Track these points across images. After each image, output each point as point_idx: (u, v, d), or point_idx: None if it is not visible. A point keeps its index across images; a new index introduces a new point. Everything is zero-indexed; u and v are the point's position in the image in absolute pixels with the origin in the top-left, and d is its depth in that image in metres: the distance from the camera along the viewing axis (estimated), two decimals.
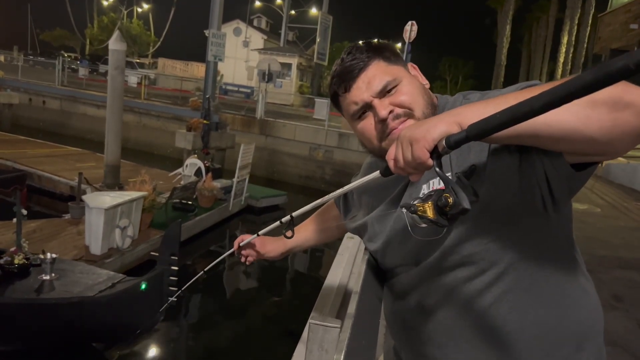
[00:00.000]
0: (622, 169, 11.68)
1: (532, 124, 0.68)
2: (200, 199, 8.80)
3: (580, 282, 1.04)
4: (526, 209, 0.92)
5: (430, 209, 0.73)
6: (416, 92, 1.03)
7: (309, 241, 1.50)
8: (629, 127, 0.69)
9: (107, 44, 8.98)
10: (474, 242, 0.96)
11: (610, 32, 14.39)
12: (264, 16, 40.31)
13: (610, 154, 0.76)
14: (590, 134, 0.70)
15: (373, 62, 1.03)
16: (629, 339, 3.26)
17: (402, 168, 0.78)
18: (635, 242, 5.90)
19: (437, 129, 0.74)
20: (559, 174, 0.84)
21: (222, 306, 6.73)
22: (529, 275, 0.97)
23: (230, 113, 15.80)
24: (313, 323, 0.98)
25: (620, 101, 0.68)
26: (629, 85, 0.70)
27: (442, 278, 1.03)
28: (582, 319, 1.03)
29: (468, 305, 1.00)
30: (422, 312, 1.09)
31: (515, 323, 0.98)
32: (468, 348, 1.02)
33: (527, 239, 0.96)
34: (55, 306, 3.87)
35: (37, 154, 11.37)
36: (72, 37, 45.35)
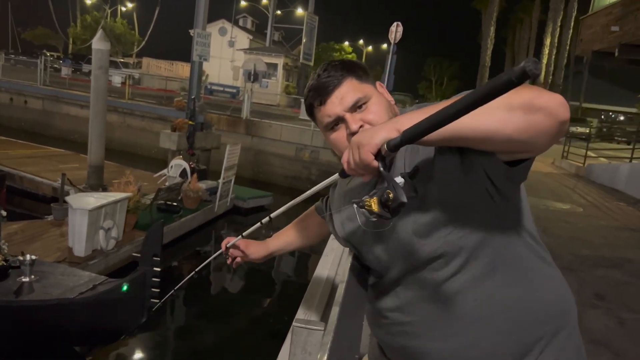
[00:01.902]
0: (603, 169, 11.86)
1: (458, 127, 0.79)
2: (186, 200, 8.74)
3: (542, 268, 1.11)
4: (475, 202, 1.00)
5: (375, 203, 0.82)
6: (382, 110, 1.14)
7: (291, 245, 1.61)
8: (542, 127, 0.80)
9: (91, 43, 8.89)
10: (437, 235, 1.03)
11: (592, 34, 14.60)
12: (249, 16, 40.20)
13: (533, 151, 0.87)
14: (509, 134, 0.80)
15: (346, 80, 1.13)
16: (611, 337, 3.31)
17: (353, 169, 0.91)
18: (616, 241, 5.99)
19: (380, 135, 0.86)
20: (495, 169, 0.93)
21: (206, 308, 6.69)
22: (489, 262, 1.04)
23: (216, 113, 15.72)
24: (297, 326, 0.98)
25: (533, 105, 0.79)
26: (541, 91, 0.81)
27: (413, 273, 1.10)
28: (550, 303, 1.09)
29: (438, 296, 1.07)
30: (399, 307, 1.15)
31: (484, 308, 1.04)
32: (442, 336, 1.07)
33: (482, 228, 1.03)
34: (34, 308, 3.81)
35: (19, 154, 11.19)
36: (54, 36, 44.75)
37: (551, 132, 0.81)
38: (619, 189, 10.37)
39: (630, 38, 11.95)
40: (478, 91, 0.65)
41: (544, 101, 0.80)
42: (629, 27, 12.06)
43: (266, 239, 1.60)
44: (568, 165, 14.19)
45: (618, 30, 12.59)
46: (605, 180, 11.32)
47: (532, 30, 41.72)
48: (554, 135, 0.82)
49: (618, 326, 3.51)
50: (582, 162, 13.16)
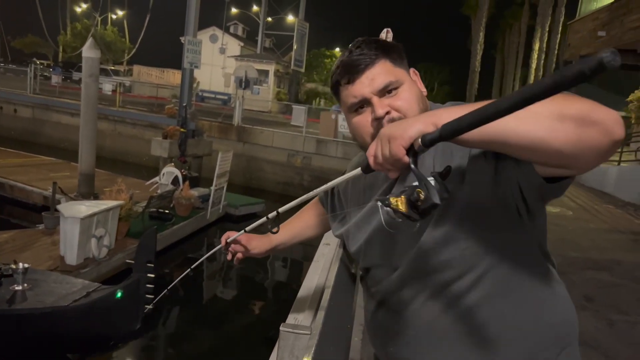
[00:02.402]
0: (592, 173, 11.97)
1: (502, 130, 0.73)
2: (178, 208, 8.72)
3: (554, 288, 1.08)
4: (501, 215, 0.95)
5: (402, 203, 0.75)
6: (413, 98, 1.06)
7: (295, 238, 1.52)
8: (594, 144, 0.73)
9: (81, 51, 8.88)
10: (453, 247, 0.98)
11: (579, 39, 14.77)
12: (240, 23, 40.26)
13: (576, 168, 0.80)
14: (556, 146, 0.73)
15: (380, 61, 1.06)
16: (599, 339, 3.35)
17: (380, 164, 0.83)
18: (605, 244, 6.06)
19: (414, 127, 0.78)
20: (530, 182, 0.86)
21: (200, 314, 6.68)
22: (505, 281, 1.00)
23: (207, 120, 15.71)
24: (284, 330, 0.99)
25: (588, 118, 0.72)
26: (597, 105, 0.74)
27: (422, 282, 1.05)
28: (558, 323, 1.06)
29: (447, 309, 1.02)
30: (403, 316, 1.10)
31: (494, 327, 1.01)
32: (447, 351, 1.04)
33: (502, 245, 0.98)
34: (27, 317, 3.79)
35: (9, 163, 11.11)
36: (44, 44, 44.49)
37: (602, 150, 0.74)
38: (608, 192, 10.49)
39: (617, 43, 12.11)
40: (541, 83, 0.57)
41: (601, 116, 0.73)
42: (615, 32, 12.23)
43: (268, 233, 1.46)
44: None
45: (605, 35, 12.76)
46: (595, 183, 11.43)
47: (522, 36, 42.11)
48: (604, 154, 0.75)
49: (607, 327, 3.56)
50: None
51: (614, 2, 12.56)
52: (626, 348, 3.27)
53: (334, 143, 14.37)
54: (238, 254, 1.47)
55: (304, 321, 1.40)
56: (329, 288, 1.05)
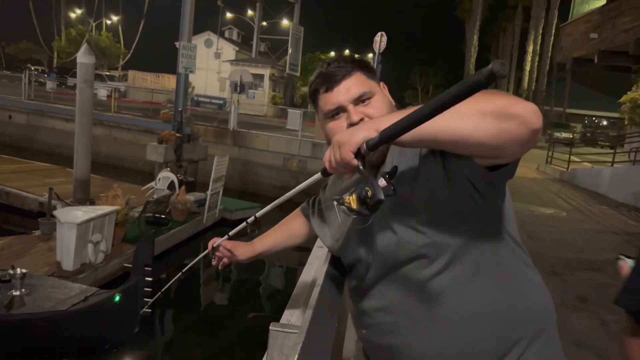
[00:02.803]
0: (586, 174, 12.06)
1: (433, 130, 0.82)
2: (174, 213, 8.74)
3: (524, 273, 1.13)
4: (459, 205, 1.02)
5: (354, 201, 0.84)
6: (384, 107, 1.17)
7: (278, 246, 1.61)
8: (514, 135, 0.81)
9: (76, 56, 8.89)
10: (421, 236, 1.05)
11: (572, 42, 14.85)
12: (235, 27, 40.28)
13: (505, 157, 0.89)
14: (480, 140, 0.82)
15: (355, 73, 1.17)
16: (593, 339, 3.38)
17: (334, 168, 0.93)
18: (599, 244, 6.10)
19: (359, 134, 0.88)
20: (474, 172, 0.95)
21: (196, 318, 6.69)
22: (472, 265, 1.06)
23: (203, 124, 15.72)
24: (273, 329, 1.02)
25: (506, 112, 0.80)
26: (515, 99, 0.82)
27: (398, 272, 1.11)
28: (530, 307, 1.11)
29: (421, 295, 1.08)
30: (383, 306, 1.16)
31: (466, 310, 1.06)
32: (425, 335, 1.09)
33: (465, 231, 1.05)
34: (26, 322, 3.80)
35: (4, 169, 11.10)
36: (39, 50, 44.45)
37: (522, 140, 0.82)
38: (602, 192, 10.56)
39: (609, 45, 12.18)
40: (450, 92, 0.68)
41: (517, 109, 0.80)
42: (607, 35, 12.30)
43: (252, 239, 1.61)
44: (552, 170, 14.39)
45: (597, 37, 12.82)
46: (589, 184, 11.51)
47: (515, 38, 42.38)
48: (525, 143, 0.83)
49: (601, 328, 3.59)
50: (566, 167, 13.36)
51: (606, 4, 12.65)
52: (619, 348, 3.30)
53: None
54: (223, 259, 1.58)
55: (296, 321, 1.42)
56: (317, 287, 1.08)
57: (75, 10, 45.90)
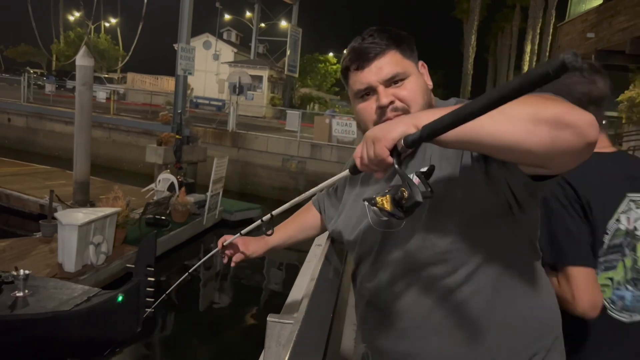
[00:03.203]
0: None
1: (477, 132, 0.76)
2: (174, 214, 8.78)
3: (541, 283, 1.11)
4: (493, 211, 0.98)
5: (387, 202, 0.78)
6: (419, 91, 1.10)
7: (291, 239, 1.56)
8: (567, 146, 0.75)
9: (74, 59, 8.93)
10: (447, 242, 1.01)
11: (569, 41, 14.93)
12: (233, 29, 40.34)
13: (553, 168, 0.83)
14: (530, 148, 0.76)
15: (390, 51, 1.09)
16: None
17: (366, 165, 0.86)
18: None
19: (397, 129, 0.81)
20: (516, 179, 0.91)
21: (198, 318, 6.74)
22: (497, 276, 1.02)
23: (202, 126, 15.77)
24: (270, 320, 1.06)
25: (562, 121, 0.74)
26: (572, 107, 0.76)
27: (415, 276, 1.07)
28: (546, 321, 1.10)
29: (440, 304, 1.05)
30: (394, 310, 1.12)
31: (485, 322, 1.03)
32: (438, 343, 1.06)
33: (494, 241, 1.02)
34: (30, 322, 3.83)
35: (4, 172, 11.12)
36: (37, 53, 44.45)
37: (576, 152, 0.77)
38: None
39: (606, 44, 12.26)
40: (509, 85, 0.61)
41: (575, 119, 0.74)
42: (604, 34, 12.38)
43: (264, 235, 1.52)
44: None
45: (594, 36, 12.90)
46: None
47: (513, 38, 42.44)
48: (578, 155, 0.78)
49: None
50: None
51: (602, 4, 12.73)
52: None
53: (328, 147, 14.46)
54: (235, 256, 1.51)
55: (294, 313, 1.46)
56: (313, 280, 1.11)
57: (73, 13, 46.02)
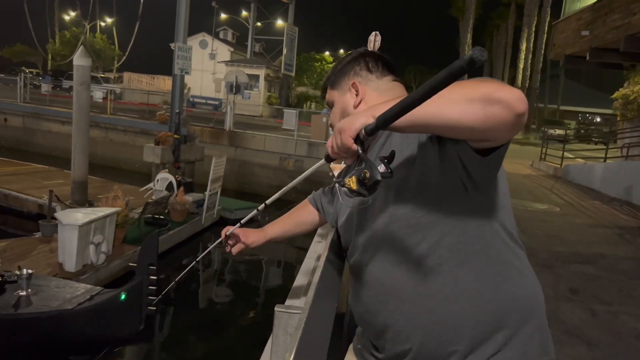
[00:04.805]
0: (579, 170, 12.20)
1: (424, 115, 0.88)
2: (173, 213, 8.82)
3: (514, 264, 1.16)
4: (449, 188, 1.08)
5: (353, 182, 0.90)
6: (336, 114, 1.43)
7: (287, 232, 1.74)
8: (500, 119, 0.86)
9: (71, 59, 8.95)
10: (409, 216, 1.12)
11: (564, 39, 14.98)
12: (230, 28, 40.29)
13: (494, 140, 0.95)
14: (469, 124, 0.88)
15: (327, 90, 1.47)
16: (584, 329, 3.49)
17: (337, 153, 1.01)
18: (590, 238, 6.23)
19: (358, 121, 0.95)
20: (468, 157, 1.00)
21: (200, 315, 6.80)
22: (459, 249, 1.10)
23: (199, 125, 15.79)
24: (278, 310, 1.12)
25: (492, 98, 0.85)
26: (501, 85, 0.87)
27: (388, 251, 1.18)
28: (519, 297, 1.13)
29: (408, 275, 1.14)
30: (374, 285, 1.22)
31: (450, 293, 1.10)
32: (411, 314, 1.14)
33: (453, 215, 1.10)
34: (34, 320, 3.88)
35: (2, 172, 11.14)
36: (33, 53, 44.38)
37: (509, 124, 0.87)
38: (595, 188, 10.69)
39: (600, 42, 12.32)
40: (437, 77, 0.74)
41: (502, 95, 0.85)
42: (598, 32, 12.44)
43: (263, 226, 1.73)
44: (546, 166, 14.52)
45: (588, 34, 12.95)
46: (582, 180, 11.64)
47: (509, 36, 42.54)
48: (511, 127, 0.88)
49: (591, 318, 3.70)
50: (560, 163, 13.50)
51: (597, 2, 12.78)
52: (608, 336, 3.41)
53: (324, 145, 14.49)
54: (235, 246, 1.70)
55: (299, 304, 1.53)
56: (318, 272, 1.17)
57: (69, 13, 45.89)
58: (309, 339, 0.95)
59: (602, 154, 12.38)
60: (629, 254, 5.69)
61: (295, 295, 1.70)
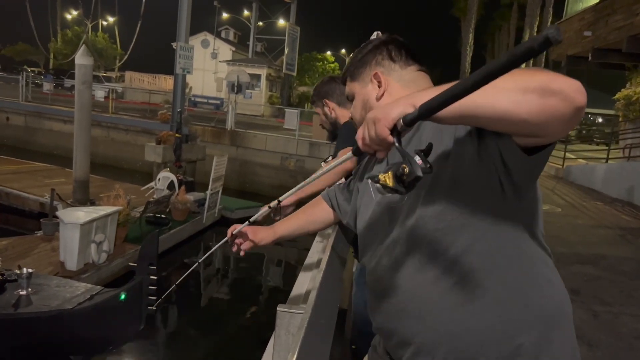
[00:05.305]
0: (581, 170, 12.19)
1: (472, 105, 0.81)
2: (174, 212, 8.82)
3: (544, 272, 1.10)
4: (485, 189, 1.00)
5: (389, 178, 0.82)
6: (357, 106, 1.35)
7: (298, 230, 1.62)
8: (556, 112, 0.79)
9: (72, 58, 8.96)
10: (440, 219, 1.05)
11: (566, 40, 14.96)
12: (231, 28, 40.31)
13: (546, 136, 0.87)
14: (522, 117, 0.80)
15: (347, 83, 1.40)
16: (585, 330, 3.49)
17: (368, 145, 0.91)
18: (592, 239, 6.22)
19: (395, 109, 0.86)
20: (511, 153, 0.92)
21: (200, 316, 6.80)
22: (489, 255, 1.04)
23: (200, 125, 15.81)
24: (280, 310, 1.11)
25: (548, 89, 0.78)
26: (557, 75, 0.80)
27: (413, 255, 1.10)
28: (548, 308, 1.08)
29: (434, 282, 1.07)
30: (396, 291, 1.16)
31: (478, 301, 1.04)
32: (434, 323, 1.08)
33: (487, 219, 1.03)
34: (34, 320, 3.87)
35: (4, 170, 11.13)
36: (35, 52, 44.41)
37: (566, 117, 0.80)
38: (597, 189, 10.67)
39: (602, 43, 12.32)
40: (498, 61, 0.65)
41: (561, 85, 0.79)
42: (600, 32, 12.43)
43: (273, 224, 1.61)
44: (547, 167, 14.47)
45: (590, 35, 12.95)
46: (583, 180, 11.63)
47: (511, 36, 42.43)
48: (568, 121, 0.82)
49: (592, 319, 3.70)
50: (561, 163, 13.48)
51: (599, 2, 12.77)
52: (609, 337, 3.41)
53: (326, 145, 14.49)
54: (243, 245, 1.59)
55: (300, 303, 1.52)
56: (320, 272, 1.17)
57: (71, 12, 45.94)
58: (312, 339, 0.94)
59: (604, 154, 12.36)
60: (630, 254, 5.69)
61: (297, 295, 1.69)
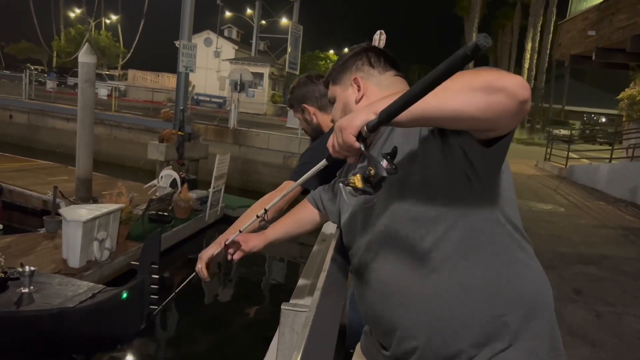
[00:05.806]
0: (584, 170, 12.16)
1: (425, 108, 0.86)
2: (177, 210, 8.83)
3: (520, 257, 1.14)
4: (454, 184, 1.06)
5: (358, 180, 0.88)
6: (338, 110, 1.43)
7: (288, 233, 1.70)
8: (502, 107, 0.85)
9: (75, 56, 8.97)
10: (413, 211, 1.11)
11: (570, 39, 14.94)
12: (234, 26, 40.31)
13: (498, 130, 0.93)
14: (471, 114, 0.86)
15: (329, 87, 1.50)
16: (587, 329, 3.49)
17: (338, 152, 0.99)
18: (594, 239, 6.21)
19: (359, 118, 0.93)
20: (472, 148, 0.99)
21: (202, 314, 6.79)
22: (464, 243, 1.08)
23: (203, 123, 15.82)
24: (285, 308, 1.11)
25: (493, 86, 0.84)
26: (501, 73, 0.86)
27: (392, 248, 1.16)
28: (525, 290, 1.11)
29: (413, 272, 1.12)
30: (379, 282, 1.21)
31: (456, 288, 1.09)
32: (416, 311, 1.12)
33: (458, 209, 1.08)
34: (35, 318, 3.88)
35: (7, 168, 11.14)
36: (38, 50, 44.55)
37: (511, 112, 0.86)
38: (600, 189, 10.66)
39: (606, 42, 12.28)
40: (439, 68, 0.71)
41: (504, 82, 0.84)
42: (604, 32, 12.39)
43: (262, 230, 1.68)
44: (550, 167, 14.47)
45: (594, 34, 12.91)
46: (587, 180, 11.61)
47: (514, 36, 42.42)
48: (514, 114, 0.87)
49: (595, 318, 3.69)
50: (564, 163, 13.45)
51: (603, 2, 12.72)
52: (612, 338, 3.40)
53: None
54: (236, 254, 1.66)
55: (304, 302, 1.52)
56: (324, 271, 1.17)
57: (74, 10, 46.00)
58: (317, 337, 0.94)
59: (607, 154, 12.34)
60: (634, 255, 5.68)
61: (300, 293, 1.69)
